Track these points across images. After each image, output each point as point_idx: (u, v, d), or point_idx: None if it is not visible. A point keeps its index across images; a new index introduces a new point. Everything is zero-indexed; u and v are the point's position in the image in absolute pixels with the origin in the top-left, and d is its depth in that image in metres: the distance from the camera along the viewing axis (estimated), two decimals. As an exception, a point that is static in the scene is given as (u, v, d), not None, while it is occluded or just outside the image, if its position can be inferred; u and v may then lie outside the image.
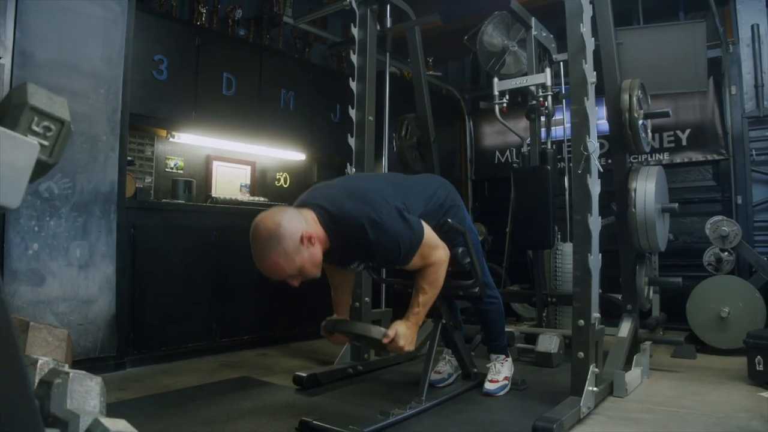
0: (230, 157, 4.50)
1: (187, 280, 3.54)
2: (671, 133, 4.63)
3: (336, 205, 2.02)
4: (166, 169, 4.08)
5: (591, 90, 2.47)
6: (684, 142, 4.59)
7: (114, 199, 3.14)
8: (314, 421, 2.19)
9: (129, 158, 3.54)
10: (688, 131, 4.57)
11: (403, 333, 2.10)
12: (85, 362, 2.97)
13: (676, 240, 4.29)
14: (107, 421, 0.82)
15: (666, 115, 2.98)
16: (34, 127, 0.73)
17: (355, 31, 3.33)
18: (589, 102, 2.46)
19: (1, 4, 2.77)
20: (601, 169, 2.47)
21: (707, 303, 3.58)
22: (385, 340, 2.06)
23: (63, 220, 2.94)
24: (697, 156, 4.55)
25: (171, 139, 4.02)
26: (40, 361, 1.07)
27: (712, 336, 3.57)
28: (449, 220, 2.29)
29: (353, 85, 3.32)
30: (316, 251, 1.95)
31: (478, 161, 5.92)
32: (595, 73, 2.49)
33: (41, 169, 0.77)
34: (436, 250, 2.16)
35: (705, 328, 3.59)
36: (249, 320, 3.88)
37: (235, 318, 3.79)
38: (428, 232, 2.14)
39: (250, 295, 3.88)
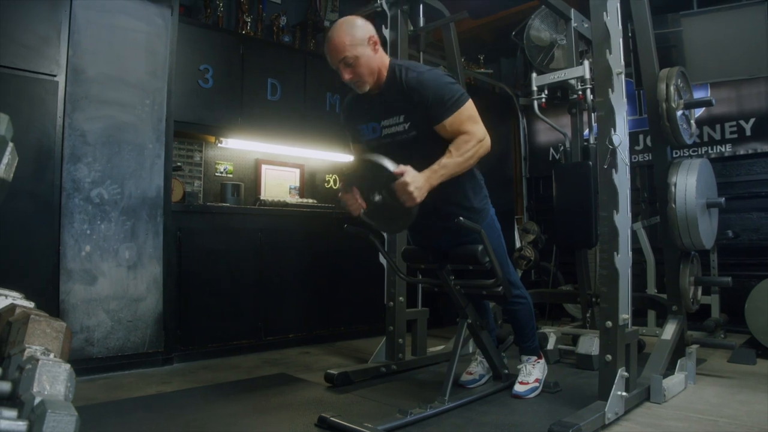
0: (279, 161, 4.64)
1: (232, 279, 3.69)
2: (733, 123, 4.33)
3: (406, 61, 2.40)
4: (216, 174, 4.26)
5: (617, 81, 2.37)
6: (748, 132, 4.28)
7: (160, 203, 3.32)
8: (331, 418, 2.23)
9: (178, 164, 3.75)
10: (752, 120, 4.26)
11: (414, 176, 2.06)
12: (135, 357, 3.18)
13: (738, 237, 4.02)
14: (51, 404, 0.89)
15: (709, 104, 2.80)
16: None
17: (386, 32, 3.35)
18: (615, 94, 2.36)
19: (56, 27, 3.01)
20: (627, 164, 2.35)
21: (768, 305, 3.33)
22: (398, 171, 2.05)
23: (113, 223, 3.15)
24: (763, 147, 4.23)
25: (219, 145, 4.20)
26: (27, 350, 1.16)
27: (774, 340, 3.32)
28: (461, 218, 2.26)
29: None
30: (375, 58, 2.24)
31: (533, 159, 5.79)
32: (622, 63, 2.38)
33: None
34: (475, 123, 2.22)
35: (765, 332, 3.34)
36: (294, 319, 3.99)
37: (280, 317, 3.91)
38: (472, 105, 2.24)
39: (295, 294, 3.99)
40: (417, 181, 2.05)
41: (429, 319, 3.49)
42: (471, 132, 2.19)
